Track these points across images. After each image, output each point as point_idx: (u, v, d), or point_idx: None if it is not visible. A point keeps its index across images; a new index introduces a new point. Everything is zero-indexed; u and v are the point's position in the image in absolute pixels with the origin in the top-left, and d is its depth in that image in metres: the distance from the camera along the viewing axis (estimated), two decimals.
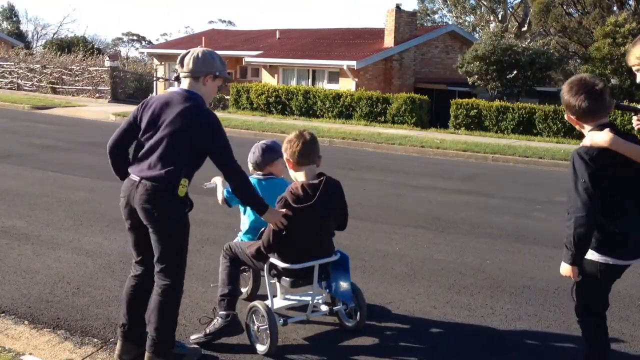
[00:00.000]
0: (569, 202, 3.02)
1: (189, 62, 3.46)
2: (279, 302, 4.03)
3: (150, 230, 3.40)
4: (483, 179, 10.85)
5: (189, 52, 3.52)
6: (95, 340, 3.92)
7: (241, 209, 4.25)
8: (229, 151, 3.46)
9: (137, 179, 3.38)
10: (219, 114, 20.75)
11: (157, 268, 3.44)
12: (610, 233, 3.01)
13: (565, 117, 3.17)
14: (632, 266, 5.86)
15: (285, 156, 3.77)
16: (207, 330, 3.85)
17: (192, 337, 3.89)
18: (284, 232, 3.60)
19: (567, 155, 13.14)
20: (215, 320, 3.87)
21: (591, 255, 3.07)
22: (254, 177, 4.18)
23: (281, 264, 3.71)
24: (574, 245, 2.98)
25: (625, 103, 16.37)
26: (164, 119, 3.37)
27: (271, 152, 4.19)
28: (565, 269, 3.10)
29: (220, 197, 4.31)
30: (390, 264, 5.67)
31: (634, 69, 3.17)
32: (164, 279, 3.43)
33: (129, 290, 3.60)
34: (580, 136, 3.00)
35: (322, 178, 3.69)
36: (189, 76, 3.46)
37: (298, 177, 3.75)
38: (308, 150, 3.69)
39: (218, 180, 4.41)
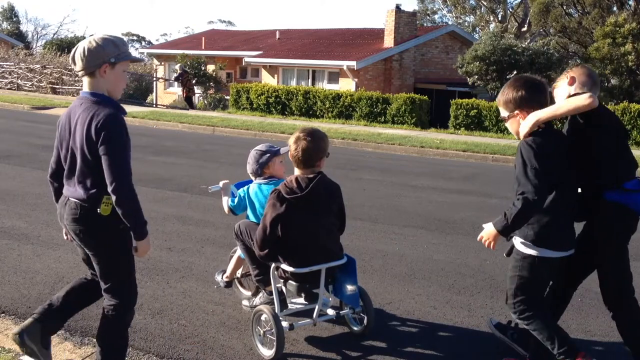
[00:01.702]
0: (518, 187, 3.06)
1: (77, 59, 3.12)
2: (285, 307, 4.01)
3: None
4: (483, 179, 10.85)
5: (77, 47, 3.16)
6: (95, 340, 3.92)
7: (249, 215, 4.23)
8: (116, 164, 3.00)
9: (65, 197, 3.25)
10: (219, 114, 20.84)
11: (102, 287, 3.30)
12: (546, 225, 3.10)
13: (506, 122, 3.32)
14: (632, 266, 5.84)
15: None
16: (254, 303, 4.33)
17: (244, 303, 4.47)
18: (279, 229, 3.58)
19: None
20: (260, 294, 4.33)
21: (529, 249, 3.16)
22: (256, 184, 4.18)
23: (288, 268, 3.69)
24: (514, 221, 3.06)
25: (624, 104, 16.35)
26: (72, 132, 3.11)
27: (263, 155, 4.19)
28: (492, 234, 3.19)
29: (225, 207, 4.31)
30: (390, 264, 5.67)
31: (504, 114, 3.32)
32: (109, 299, 3.27)
33: (77, 279, 3.50)
34: None
35: (318, 174, 3.67)
36: (84, 74, 3.15)
37: (296, 171, 3.77)
38: (307, 156, 3.67)
39: (223, 185, 4.40)
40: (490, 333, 4.23)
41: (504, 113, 3.31)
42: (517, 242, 3.27)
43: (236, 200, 4.23)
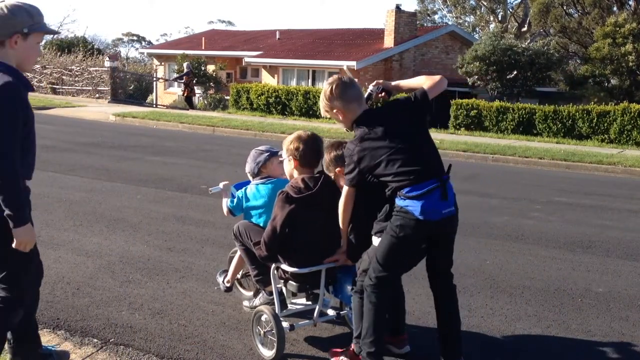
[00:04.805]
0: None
1: None
2: (285, 307, 4.01)
3: None
4: (483, 179, 10.85)
5: None
6: (95, 340, 3.92)
7: (246, 216, 4.23)
8: (4, 134, 2.76)
9: None
10: (219, 114, 20.83)
11: None
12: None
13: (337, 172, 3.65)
14: (632, 266, 5.84)
15: (288, 153, 3.75)
16: (254, 303, 4.34)
17: (244, 303, 4.48)
18: (287, 230, 3.58)
19: (567, 155, 13.15)
20: (260, 295, 4.34)
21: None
22: (253, 184, 4.18)
23: (288, 268, 3.68)
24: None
25: (624, 104, 16.33)
26: None
27: (261, 155, 4.21)
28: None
29: (225, 209, 4.31)
30: None
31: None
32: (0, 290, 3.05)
33: None
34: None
35: (321, 173, 3.70)
36: None
37: (296, 175, 3.77)
38: (317, 155, 3.72)
39: (223, 186, 4.40)
40: (490, 333, 4.23)
41: (332, 174, 3.69)
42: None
43: (235, 201, 4.23)
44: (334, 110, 3.52)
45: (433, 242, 3.46)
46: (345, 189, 3.50)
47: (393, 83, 3.58)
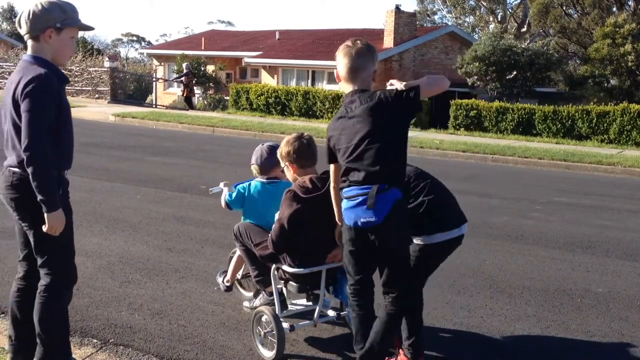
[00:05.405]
0: None
1: (22, 22, 3.04)
2: (285, 308, 3.99)
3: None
4: (483, 179, 10.85)
5: (24, 10, 3.08)
6: (95, 340, 3.92)
7: (246, 216, 4.22)
8: (33, 123, 2.89)
9: (4, 166, 3.11)
10: (219, 114, 20.83)
11: (38, 264, 3.17)
12: None
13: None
14: (631, 266, 5.84)
15: (284, 160, 3.75)
16: (255, 304, 4.33)
17: (244, 304, 4.48)
18: (293, 229, 3.58)
19: (567, 156, 13.15)
20: (260, 295, 4.32)
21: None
22: (258, 181, 4.15)
23: (289, 269, 3.68)
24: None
25: (624, 104, 16.34)
26: (7, 97, 3.00)
27: (271, 154, 4.15)
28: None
29: (222, 202, 4.28)
30: None
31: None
32: (45, 276, 3.17)
33: (13, 296, 3.32)
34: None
35: (326, 173, 3.70)
36: (28, 38, 3.05)
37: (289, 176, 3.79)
38: (311, 152, 3.72)
39: (223, 186, 4.39)
40: (490, 333, 4.23)
41: None
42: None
43: (234, 195, 4.17)
44: (335, 71, 3.38)
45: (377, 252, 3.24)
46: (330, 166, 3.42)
47: (411, 84, 3.15)
